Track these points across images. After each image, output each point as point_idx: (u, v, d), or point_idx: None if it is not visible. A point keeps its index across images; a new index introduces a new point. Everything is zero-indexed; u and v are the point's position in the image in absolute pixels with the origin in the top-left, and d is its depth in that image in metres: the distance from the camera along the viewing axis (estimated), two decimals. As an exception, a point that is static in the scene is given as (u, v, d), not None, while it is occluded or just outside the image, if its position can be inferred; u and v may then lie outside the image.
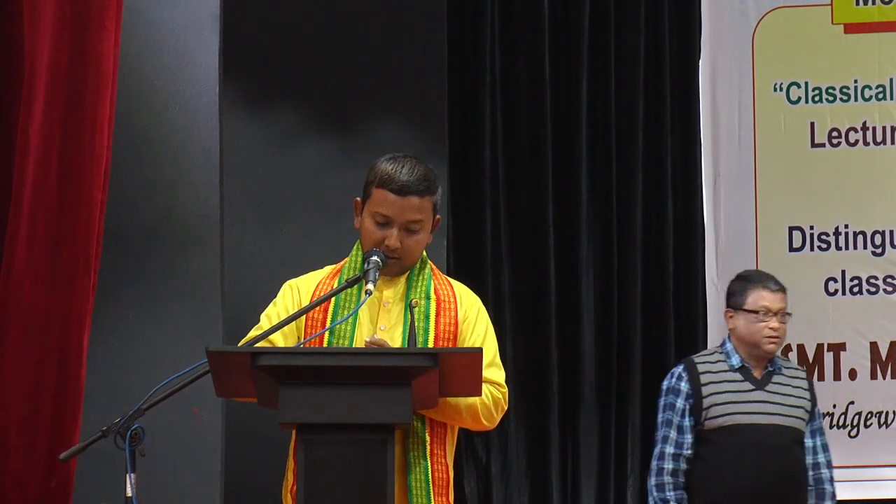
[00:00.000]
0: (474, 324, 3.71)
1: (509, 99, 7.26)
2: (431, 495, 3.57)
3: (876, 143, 6.93)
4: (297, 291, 3.73)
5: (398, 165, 3.65)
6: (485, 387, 3.53)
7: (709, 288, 6.99)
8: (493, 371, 3.67)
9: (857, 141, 6.94)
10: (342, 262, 3.76)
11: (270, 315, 3.72)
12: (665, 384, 5.54)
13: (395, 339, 3.62)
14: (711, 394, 5.42)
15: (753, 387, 5.44)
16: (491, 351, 3.68)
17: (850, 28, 6.96)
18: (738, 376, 5.45)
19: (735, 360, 5.46)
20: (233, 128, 6.02)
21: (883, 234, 6.90)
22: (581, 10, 7.21)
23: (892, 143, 6.92)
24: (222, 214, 5.51)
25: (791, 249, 6.92)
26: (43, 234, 4.53)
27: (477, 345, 3.65)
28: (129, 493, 3.37)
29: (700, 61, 7.07)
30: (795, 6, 7.00)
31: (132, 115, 5.27)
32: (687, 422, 5.43)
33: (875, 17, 6.96)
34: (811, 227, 6.94)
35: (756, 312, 5.46)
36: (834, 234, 6.91)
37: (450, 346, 3.63)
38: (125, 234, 5.25)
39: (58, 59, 4.54)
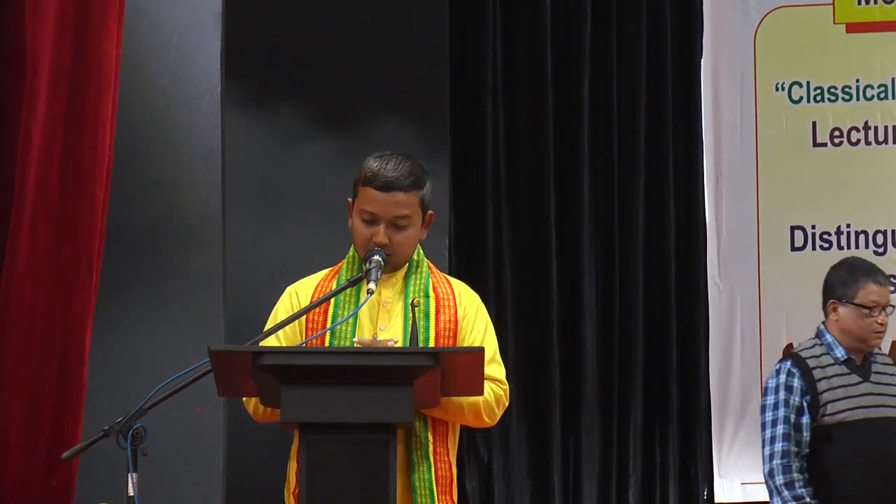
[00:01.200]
0: (474, 321, 3.72)
1: (511, 98, 7.25)
2: (435, 494, 3.58)
3: (878, 143, 6.93)
4: (295, 297, 3.74)
5: (383, 163, 3.67)
6: (486, 384, 3.54)
7: (710, 287, 6.99)
8: (494, 368, 3.67)
9: (858, 140, 6.93)
10: (339, 265, 3.77)
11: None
12: (773, 382, 5.28)
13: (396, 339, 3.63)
14: (827, 389, 5.22)
15: (861, 379, 5.26)
16: (491, 348, 3.68)
17: (852, 27, 6.96)
18: (844, 369, 5.26)
19: (840, 353, 5.26)
20: (235, 127, 6.02)
21: (885, 233, 6.89)
22: (582, 9, 7.20)
23: (894, 142, 6.92)
24: (224, 214, 5.51)
25: (793, 249, 6.92)
26: (45, 234, 4.52)
27: (477, 342, 3.66)
28: (130, 492, 3.38)
29: (702, 61, 7.07)
30: (797, 6, 7.00)
31: (134, 114, 5.27)
32: (804, 419, 5.21)
33: (877, 17, 6.95)
34: (813, 227, 6.93)
35: (867, 308, 5.26)
36: (836, 233, 6.91)
37: (450, 343, 3.63)
38: (127, 234, 5.25)
39: (60, 58, 4.53)
